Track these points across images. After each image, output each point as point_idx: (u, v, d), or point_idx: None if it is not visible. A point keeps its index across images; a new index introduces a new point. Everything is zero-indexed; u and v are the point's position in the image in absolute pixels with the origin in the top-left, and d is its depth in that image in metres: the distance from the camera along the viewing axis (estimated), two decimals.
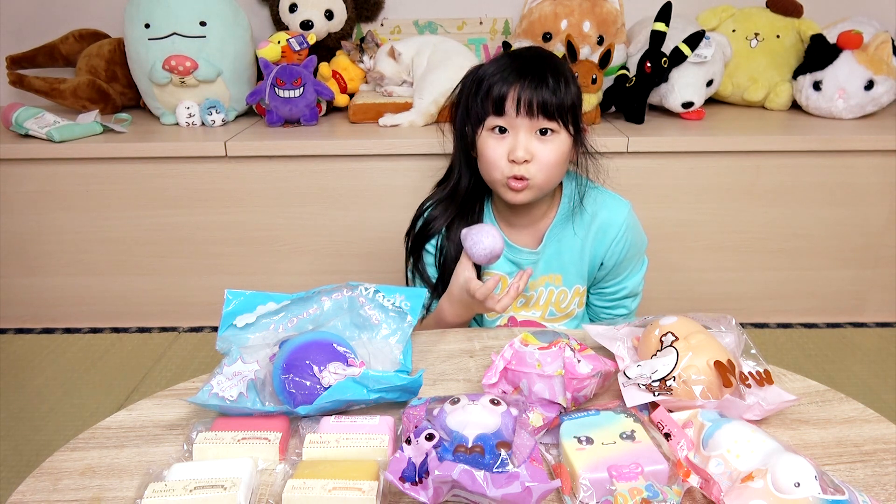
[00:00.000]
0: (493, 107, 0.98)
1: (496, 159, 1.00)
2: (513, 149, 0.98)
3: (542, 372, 0.76)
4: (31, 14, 2.20)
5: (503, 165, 1.00)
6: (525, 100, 0.96)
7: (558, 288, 1.13)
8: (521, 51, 1.03)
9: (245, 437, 0.72)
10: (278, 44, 1.87)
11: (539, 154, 0.99)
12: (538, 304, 1.14)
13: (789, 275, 1.94)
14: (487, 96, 0.98)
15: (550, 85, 0.96)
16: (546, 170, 1.00)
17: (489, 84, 0.98)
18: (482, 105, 0.99)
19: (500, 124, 0.99)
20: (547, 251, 1.11)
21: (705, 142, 1.77)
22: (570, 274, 1.13)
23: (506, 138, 1.00)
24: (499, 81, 0.97)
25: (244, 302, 0.89)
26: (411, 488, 0.61)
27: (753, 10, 2.08)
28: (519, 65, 0.98)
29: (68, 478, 0.71)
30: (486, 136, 1.01)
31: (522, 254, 1.12)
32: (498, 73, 0.98)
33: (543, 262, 1.12)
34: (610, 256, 1.13)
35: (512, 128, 0.99)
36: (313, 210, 1.83)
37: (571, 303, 1.15)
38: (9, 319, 1.98)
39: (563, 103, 0.97)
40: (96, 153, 1.78)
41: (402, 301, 0.92)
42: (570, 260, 1.12)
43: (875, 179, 1.82)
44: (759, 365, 0.83)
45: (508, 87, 0.97)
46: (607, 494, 0.63)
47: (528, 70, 0.97)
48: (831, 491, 0.60)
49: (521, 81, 0.96)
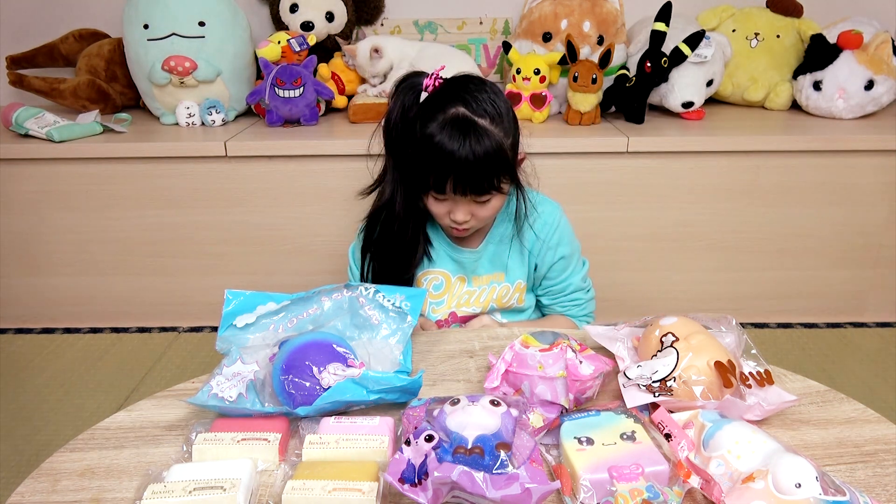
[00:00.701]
0: (434, 187, 1.02)
1: (438, 215, 1.07)
2: (452, 213, 1.04)
3: (543, 374, 0.76)
4: (31, 14, 2.20)
5: (445, 220, 1.07)
6: (460, 188, 1.00)
7: (500, 284, 1.18)
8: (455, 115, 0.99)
9: (245, 438, 0.72)
10: (278, 44, 1.86)
11: (478, 213, 1.06)
12: (479, 301, 1.18)
13: (789, 275, 1.94)
14: (428, 175, 1.01)
15: (484, 163, 0.98)
16: (486, 220, 1.09)
17: (426, 168, 1.00)
18: (424, 177, 1.02)
19: (439, 197, 1.04)
20: (488, 250, 1.16)
21: (705, 142, 1.77)
22: (513, 270, 1.18)
23: (446, 202, 1.05)
24: (438, 163, 0.98)
25: (244, 302, 0.89)
26: (411, 489, 0.61)
27: (753, 10, 2.08)
28: (454, 141, 0.97)
29: (67, 479, 0.71)
30: (428, 196, 1.05)
31: (464, 253, 1.16)
32: (437, 151, 0.97)
33: (486, 260, 1.17)
34: (548, 252, 1.17)
35: (451, 199, 1.03)
36: (313, 210, 1.83)
37: (512, 298, 1.19)
38: (9, 319, 1.98)
39: (497, 174, 1.00)
40: (96, 153, 1.78)
41: (402, 301, 0.92)
42: (511, 257, 1.17)
43: (875, 179, 1.82)
44: (759, 365, 0.83)
45: (447, 175, 0.99)
46: (608, 495, 0.63)
47: (463, 148, 0.97)
48: (832, 492, 0.59)
49: (459, 163, 0.97)
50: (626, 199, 1.82)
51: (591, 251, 1.31)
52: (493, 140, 0.99)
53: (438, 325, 1.18)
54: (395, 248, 1.12)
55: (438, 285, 1.17)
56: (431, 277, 1.16)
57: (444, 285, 1.17)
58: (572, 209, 1.23)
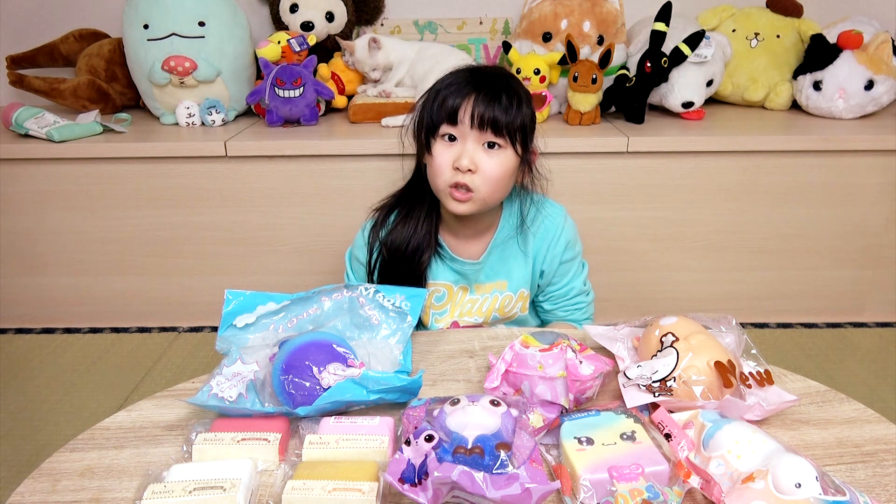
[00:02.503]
0: (446, 116, 1.01)
1: (442, 165, 1.03)
2: (459, 157, 1.01)
3: (543, 374, 0.76)
4: (31, 14, 2.20)
5: (447, 173, 1.03)
6: (478, 113, 0.99)
7: (503, 293, 1.17)
8: (481, 67, 1.07)
9: (244, 438, 0.72)
10: (278, 44, 1.86)
11: (483, 166, 1.02)
12: (481, 310, 1.17)
13: (789, 275, 1.94)
14: (442, 105, 1.01)
15: (503, 102, 1.00)
16: (489, 183, 1.03)
17: (445, 95, 1.02)
18: (437, 113, 1.02)
19: (450, 132, 1.02)
20: (490, 260, 1.15)
21: (705, 142, 1.77)
22: (515, 279, 1.16)
23: (454, 146, 1.02)
24: (454, 92, 1.01)
25: (244, 302, 0.89)
26: (411, 489, 0.61)
27: (753, 10, 2.08)
28: (476, 79, 1.02)
29: (67, 479, 0.71)
30: (437, 144, 1.04)
31: (466, 265, 1.14)
32: (455, 85, 1.01)
33: (488, 270, 1.15)
34: (553, 257, 1.16)
35: (461, 137, 1.02)
36: (313, 210, 1.83)
37: (514, 307, 1.18)
38: (9, 319, 1.98)
39: (512, 121, 1.01)
40: (96, 153, 1.78)
41: (403, 301, 0.92)
42: (515, 265, 1.16)
43: (875, 179, 1.82)
44: (759, 365, 0.83)
45: (463, 99, 1.00)
46: (608, 495, 0.63)
47: (483, 84, 1.01)
48: (832, 492, 0.59)
49: (476, 94, 1.00)
50: (626, 199, 1.82)
51: (591, 251, 1.31)
52: (519, 88, 1.03)
53: None
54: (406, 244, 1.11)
55: (440, 297, 1.16)
56: (433, 290, 1.15)
57: (445, 296, 1.16)
58: (572, 209, 1.23)
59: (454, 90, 1.00)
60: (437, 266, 1.14)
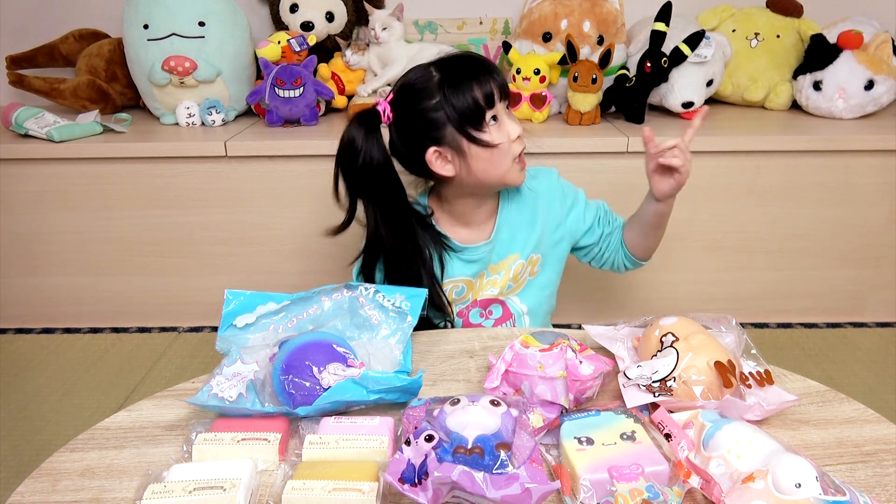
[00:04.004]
0: (485, 101, 1.02)
1: (505, 144, 1.04)
2: (510, 130, 1.04)
3: (543, 374, 0.76)
4: (31, 14, 2.20)
5: (513, 148, 1.05)
6: (496, 86, 1.02)
7: (516, 263, 1.17)
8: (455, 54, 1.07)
9: (245, 438, 0.72)
10: (278, 44, 1.86)
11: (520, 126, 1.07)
12: (496, 283, 1.18)
13: (789, 275, 1.94)
14: (473, 95, 1.01)
15: (495, 69, 1.05)
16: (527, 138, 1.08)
17: (469, 86, 1.01)
18: (474, 105, 1.02)
19: (493, 114, 1.03)
20: (500, 238, 1.15)
21: (705, 142, 1.77)
22: (526, 248, 1.17)
23: (502, 124, 1.04)
24: (478, 80, 1.01)
25: (244, 302, 0.89)
26: (411, 490, 0.61)
27: (753, 10, 2.08)
28: (470, 60, 1.05)
29: (67, 479, 0.71)
30: (489, 130, 1.03)
31: (478, 250, 1.14)
32: (468, 74, 1.02)
33: (500, 248, 1.16)
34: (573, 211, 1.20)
35: (499, 113, 1.04)
36: (313, 210, 1.83)
37: (525, 272, 1.19)
38: (9, 319, 1.98)
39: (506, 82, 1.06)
40: (96, 153, 1.78)
41: (403, 301, 0.92)
42: (524, 235, 1.16)
43: (875, 179, 1.82)
44: (759, 365, 0.83)
45: (488, 80, 1.02)
46: (608, 495, 0.63)
47: (478, 62, 1.05)
48: (832, 492, 0.59)
49: (484, 72, 1.02)
50: (626, 199, 1.81)
51: None
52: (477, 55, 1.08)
53: (460, 314, 1.17)
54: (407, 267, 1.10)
55: (460, 291, 1.16)
56: (451, 287, 1.15)
57: (465, 289, 1.16)
58: None
59: (474, 79, 1.01)
60: (449, 263, 1.14)
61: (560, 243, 1.20)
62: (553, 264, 1.22)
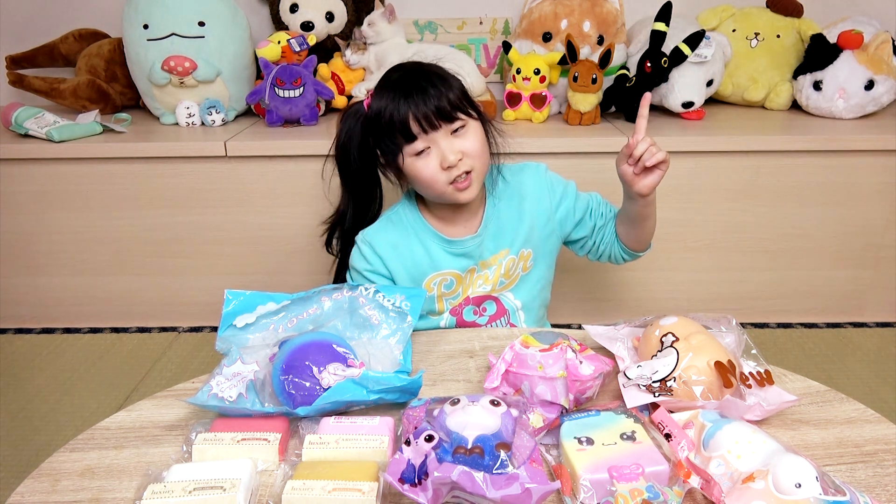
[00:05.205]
0: (403, 136, 1.02)
1: (432, 175, 1.04)
2: (442, 158, 1.02)
3: (543, 374, 0.76)
4: (31, 14, 2.20)
5: (441, 178, 1.04)
6: (423, 115, 1.00)
7: (507, 258, 1.18)
8: (393, 75, 1.07)
9: (244, 438, 0.72)
10: (278, 44, 1.86)
11: (464, 147, 1.04)
12: (487, 279, 1.18)
13: (789, 275, 1.94)
14: (392, 129, 1.02)
15: (434, 91, 1.01)
16: (477, 157, 1.06)
17: (386, 118, 1.02)
18: (391, 139, 1.04)
19: (418, 148, 1.03)
20: (488, 231, 1.15)
21: (705, 142, 1.77)
22: (516, 243, 1.17)
23: (430, 155, 1.03)
24: (394, 112, 1.01)
25: (244, 302, 0.89)
26: (410, 490, 0.61)
27: (753, 10, 2.07)
28: (400, 89, 1.02)
29: (67, 479, 0.71)
30: (411, 162, 1.05)
31: (465, 244, 1.14)
32: (388, 105, 1.02)
33: (489, 243, 1.16)
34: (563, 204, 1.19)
35: (431, 143, 1.03)
36: (313, 210, 1.83)
37: (517, 268, 1.19)
38: (9, 319, 1.98)
39: (453, 100, 1.03)
40: (96, 153, 1.78)
41: (403, 301, 0.92)
42: (512, 230, 1.17)
43: (875, 179, 1.82)
44: (759, 365, 0.83)
45: (405, 112, 1.01)
46: (608, 495, 0.63)
47: (410, 89, 1.02)
48: (832, 492, 0.59)
49: (411, 101, 1.00)
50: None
51: None
52: (436, 70, 1.06)
53: (452, 312, 1.17)
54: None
55: (449, 284, 1.16)
56: (440, 279, 1.15)
57: (454, 283, 1.16)
58: None
59: (391, 109, 1.01)
60: (438, 255, 1.14)
61: (551, 237, 1.20)
62: (545, 258, 1.22)
